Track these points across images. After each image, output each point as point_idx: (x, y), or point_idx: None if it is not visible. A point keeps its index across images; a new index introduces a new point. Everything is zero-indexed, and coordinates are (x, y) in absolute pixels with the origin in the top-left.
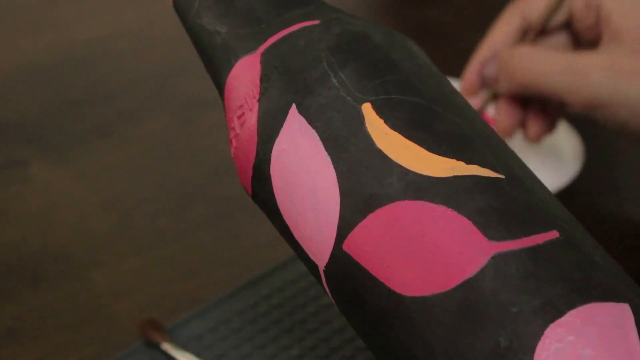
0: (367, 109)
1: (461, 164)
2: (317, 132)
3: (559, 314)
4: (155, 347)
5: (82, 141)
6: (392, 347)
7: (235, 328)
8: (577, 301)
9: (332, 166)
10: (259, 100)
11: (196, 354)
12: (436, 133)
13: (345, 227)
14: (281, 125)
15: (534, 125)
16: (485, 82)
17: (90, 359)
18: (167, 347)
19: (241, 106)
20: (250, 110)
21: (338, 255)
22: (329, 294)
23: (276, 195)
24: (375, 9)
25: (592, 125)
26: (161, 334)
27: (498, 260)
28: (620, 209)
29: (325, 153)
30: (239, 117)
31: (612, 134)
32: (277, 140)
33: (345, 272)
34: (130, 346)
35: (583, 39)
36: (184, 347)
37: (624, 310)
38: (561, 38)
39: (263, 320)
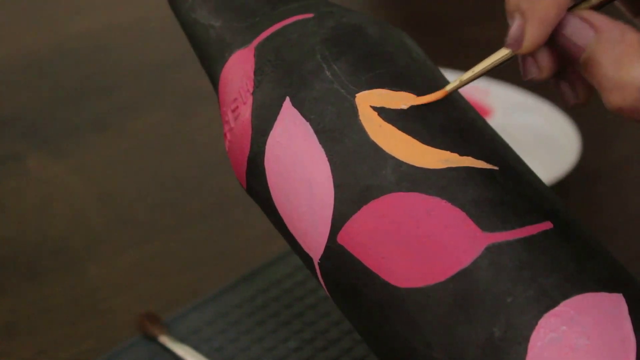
0: (360, 101)
1: (455, 155)
2: (311, 124)
3: (553, 303)
4: (153, 340)
5: (79, 135)
6: (387, 339)
7: (232, 321)
8: (572, 291)
9: (326, 158)
10: (253, 94)
11: (194, 347)
12: (430, 125)
13: (339, 219)
14: (275, 119)
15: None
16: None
17: (88, 352)
18: (164, 340)
19: (235, 100)
20: (244, 103)
21: (332, 247)
22: (324, 287)
23: (270, 189)
24: (370, 2)
25: (588, 116)
26: (159, 327)
27: (492, 250)
28: (615, 201)
29: (319, 145)
30: (233, 111)
31: (608, 125)
32: (271, 134)
33: (340, 265)
34: (128, 340)
35: None
36: (182, 340)
37: (618, 300)
38: None
39: (261, 313)
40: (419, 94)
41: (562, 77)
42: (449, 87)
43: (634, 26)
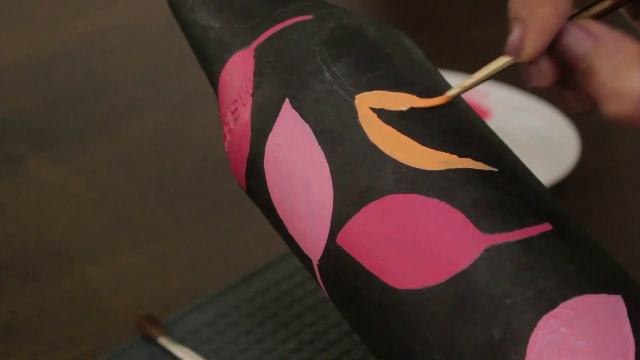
0: (360, 102)
1: (454, 157)
2: (310, 126)
3: (552, 305)
4: (152, 341)
5: (78, 136)
6: (387, 340)
7: (231, 322)
8: (571, 293)
9: (325, 160)
10: (252, 95)
11: (193, 349)
12: (429, 126)
13: (338, 220)
14: (275, 120)
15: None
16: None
17: (87, 354)
18: (164, 341)
19: (235, 101)
20: (244, 105)
21: (332, 249)
22: (323, 288)
23: (270, 190)
24: (370, 4)
25: (587, 117)
26: (158, 328)
27: (491, 252)
28: (615, 202)
29: (319, 147)
30: (233, 112)
31: (607, 126)
32: (271, 135)
33: (339, 266)
34: (128, 341)
35: None
36: (181, 341)
37: (617, 301)
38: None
39: (259, 315)
40: (419, 95)
41: (566, 84)
42: (450, 93)
43: (632, 28)
